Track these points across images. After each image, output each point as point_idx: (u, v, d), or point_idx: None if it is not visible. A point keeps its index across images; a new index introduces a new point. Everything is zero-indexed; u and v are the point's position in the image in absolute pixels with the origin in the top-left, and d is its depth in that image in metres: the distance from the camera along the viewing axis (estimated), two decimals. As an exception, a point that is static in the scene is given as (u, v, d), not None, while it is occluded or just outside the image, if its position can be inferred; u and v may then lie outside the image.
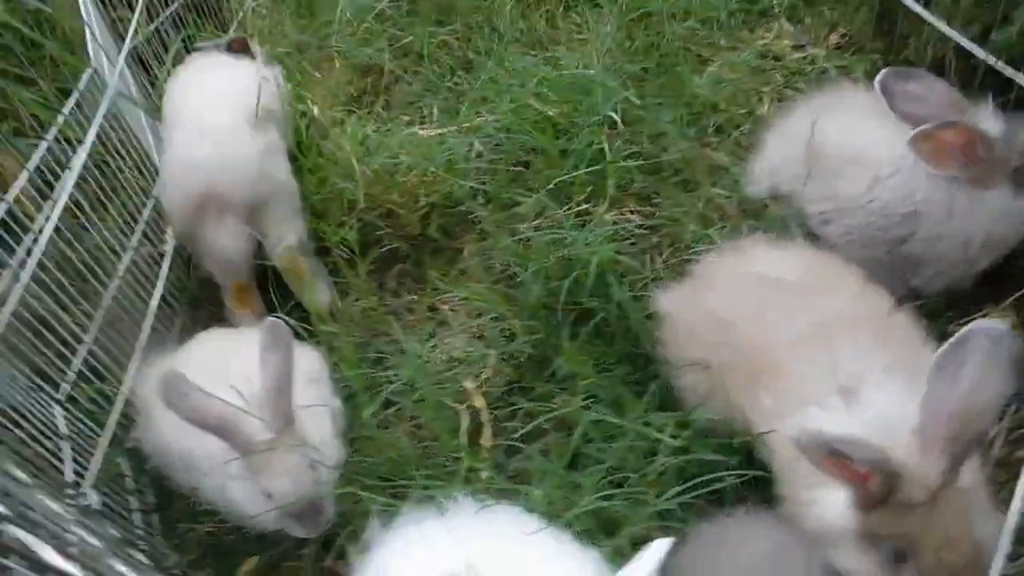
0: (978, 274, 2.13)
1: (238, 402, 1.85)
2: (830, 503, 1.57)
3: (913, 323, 1.82)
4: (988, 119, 1.98)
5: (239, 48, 2.93)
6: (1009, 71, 2.02)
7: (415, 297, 2.57)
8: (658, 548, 1.34)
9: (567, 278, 2.13)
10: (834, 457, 1.44)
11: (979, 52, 2.07)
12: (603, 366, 2.15)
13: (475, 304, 2.40)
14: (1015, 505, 1.51)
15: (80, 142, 2.30)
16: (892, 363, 1.64)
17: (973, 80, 2.20)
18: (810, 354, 1.71)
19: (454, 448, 2.03)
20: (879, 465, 1.43)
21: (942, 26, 2.18)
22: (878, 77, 2.02)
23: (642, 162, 2.52)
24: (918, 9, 2.29)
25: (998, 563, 1.46)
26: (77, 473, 2.02)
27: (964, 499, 1.47)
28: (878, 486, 1.46)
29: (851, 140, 2.14)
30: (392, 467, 1.99)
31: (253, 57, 2.94)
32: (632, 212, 2.49)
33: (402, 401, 2.09)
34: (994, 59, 2.03)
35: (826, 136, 2.16)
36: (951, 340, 1.46)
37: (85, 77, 2.39)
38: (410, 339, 2.30)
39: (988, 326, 1.45)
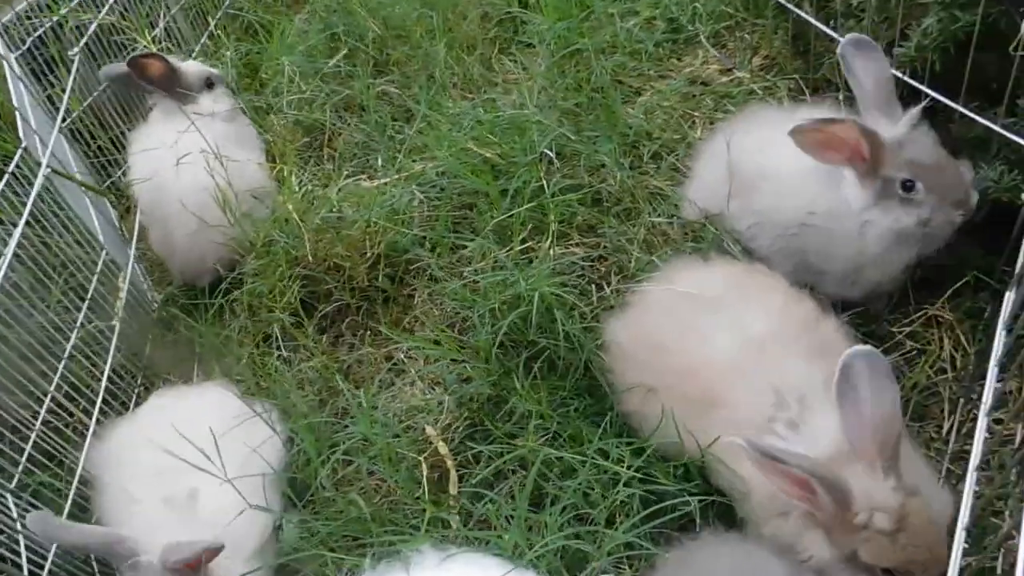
0: (909, 277, 2.16)
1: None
2: (813, 540, 1.64)
3: (840, 328, 1.90)
4: (898, 125, 1.99)
5: (142, 72, 2.89)
6: (914, 83, 2.10)
7: (370, 349, 2.56)
8: None
9: (515, 317, 2.15)
10: (774, 464, 1.54)
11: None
12: (561, 400, 2.16)
13: (430, 351, 2.40)
14: (967, 499, 1.58)
15: (15, 225, 2.27)
16: (829, 377, 1.69)
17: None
18: (748, 378, 1.76)
19: (417, 499, 2.01)
20: (816, 472, 1.53)
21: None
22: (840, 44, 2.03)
23: (582, 195, 2.56)
24: (826, 30, 2.38)
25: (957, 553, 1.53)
26: (35, 563, 1.97)
27: (927, 512, 1.59)
28: (828, 499, 1.54)
29: (761, 157, 2.21)
30: (358, 526, 1.97)
31: (151, 82, 2.94)
32: (577, 245, 2.52)
33: (358, 459, 2.07)
34: (900, 73, 2.11)
35: (741, 154, 2.25)
36: (839, 371, 1.62)
37: (16, 158, 2.37)
38: (367, 392, 2.29)
39: (861, 351, 1.63)
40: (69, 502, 2.13)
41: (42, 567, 1.98)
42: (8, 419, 2.15)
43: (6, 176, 2.33)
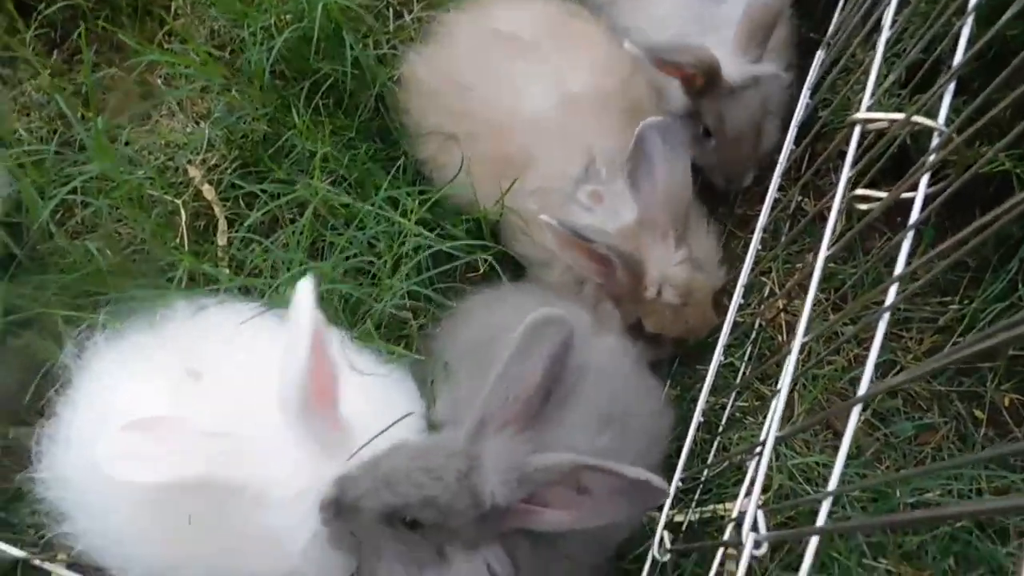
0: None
1: None
2: (605, 310, 1.65)
3: (649, 86, 1.80)
4: (746, 70, 1.78)
5: None
6: None
7: (117, 71, 2.09)
8: (304, 287, 1.25)
9: (296, 34, 1.80)
10: (581, 244, 1.52)
11: None
12: (347, 142, 1.90)
13: (193, 74, 1.99)
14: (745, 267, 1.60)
15: None
16: None
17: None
18: (561, 139, 1.64)
19: (175, 249, 1.74)
20: (616, 250, 1.52)
21: None
22: None
23: None
24: None
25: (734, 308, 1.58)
26: None
27: (710, 287, 1.65)
28: (624, 274, 1.55)
29: None
30: (97, 280, 1.66)
31: None
32: (379, -42, 2.12)
33: (97, 201, 1.71)
34: None
35: None
36: (633, 141, 1.56)
37: None
38: (105, 120, 1.87)
39: (656, 122, 1.57)
40: None
41: None
42: None
43: None
